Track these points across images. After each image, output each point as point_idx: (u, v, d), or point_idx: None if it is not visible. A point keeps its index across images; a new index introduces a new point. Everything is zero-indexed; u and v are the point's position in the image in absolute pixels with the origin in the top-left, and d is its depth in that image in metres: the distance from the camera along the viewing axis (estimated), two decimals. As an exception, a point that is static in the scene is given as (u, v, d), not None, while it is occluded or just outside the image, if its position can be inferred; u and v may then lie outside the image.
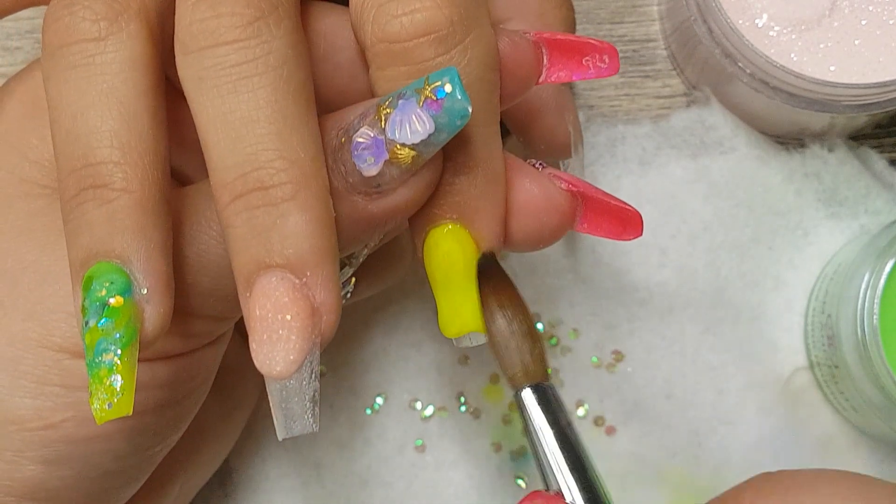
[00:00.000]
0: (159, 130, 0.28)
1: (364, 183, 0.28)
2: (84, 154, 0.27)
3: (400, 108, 0.28)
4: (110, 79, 0.27)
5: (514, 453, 0.45)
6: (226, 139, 0.27)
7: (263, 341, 0.27)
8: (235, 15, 0.27)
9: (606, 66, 0.31)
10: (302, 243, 0.27)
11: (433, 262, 0.30)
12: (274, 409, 0.28)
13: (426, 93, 0.27)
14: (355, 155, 0.28)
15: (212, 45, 0.27)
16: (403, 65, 0.28)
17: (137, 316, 0.27)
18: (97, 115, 0.27)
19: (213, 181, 0.27)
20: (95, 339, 0.27)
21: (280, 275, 0.27)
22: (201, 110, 0.27)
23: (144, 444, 0.32)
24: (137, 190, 0.27)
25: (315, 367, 0.27)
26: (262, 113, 0.27)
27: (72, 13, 0.28)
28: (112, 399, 0.26)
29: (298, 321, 0.27)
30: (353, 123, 0.28)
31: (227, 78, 0.27)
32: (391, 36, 0.28)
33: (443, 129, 0.28)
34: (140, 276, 0.27)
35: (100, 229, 0.27)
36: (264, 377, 0.27)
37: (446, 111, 0.27)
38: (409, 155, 0.28)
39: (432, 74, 0.28)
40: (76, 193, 0.27)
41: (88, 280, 0.27)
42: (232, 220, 0.27)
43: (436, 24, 0.28)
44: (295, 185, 0.27)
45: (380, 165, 0.28)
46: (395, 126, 0.28)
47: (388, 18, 0.28)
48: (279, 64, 0.27)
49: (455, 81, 0.27)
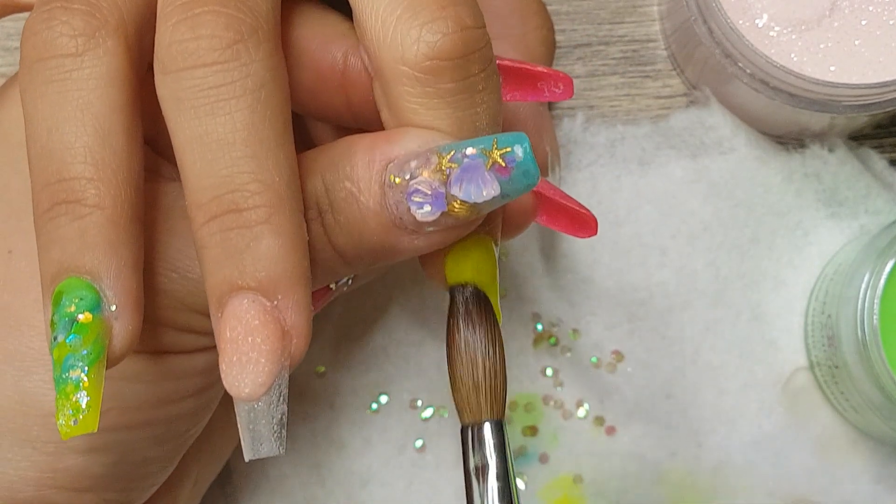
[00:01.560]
0: (134, 147, 0.28)
1: (415, 224, 0.28)
2: (58, 169, 0.27)
3: (465, 167, 0.28)
4: (86, 94, 0.27)
5: (514, 453, 0.45)
6: (202, 160, 0.27)
7: (233, 363, 0.27)
8: (215, 37, 0.27)
9: (561, 91, 0.32)
10: (274, 266, 0.27)
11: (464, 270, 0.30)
12: (241, 430, 0.28)
13: (494, 156, 0.27)
14: (411, 200, 0.28)
15: (190, 66, 0.27)
16: (452, 81, 0.28)
17: (106, 333, 0.27)
18: (72, 130, 0.27)
19: (189, 201, 0.27)
20: (63, 354, 0.27)
21: (252, 297, 0.27)
22: (178, 130, 0.27)
23: (182, 428, 0.33)
24: (110, 206, 0.27)
25: (283, 389, 0.27)
26: (239, 136, 0.27)
27: (50, 27, 0.28)
28: (77, 416, 0.26)
29: (268, 344, 0.27)
30: (409, 166, 0.28)
31: (205, 100, 0.27)
32: (443, 53, 0.28)
33: (507, 194, 0.28)
34: (110, 292, 0.27)
35: (71, 245, 0.27)
36: (233, 398, 0.27)
37: (514, 179, 0.28)
38: (467, 210, 0.28)
39: (501, 137, 0.28)
40: (49, 208, 0.27)
41: (58, 295, 0.27)
42: (206, 240, 0.27)
43: (479, 40, 0.28)
44: (269, 208, 0.27)
45: (436, 215, 0.28)
46: (460, 185, 0.28)
47: (441, 36, 0.28)
48: (257, 87, 0.27)
49: (527, 150, 0.27)
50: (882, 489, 0.45)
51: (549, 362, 0.46)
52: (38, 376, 0.30)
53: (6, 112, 0.33)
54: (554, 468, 0.45)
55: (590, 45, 0.47)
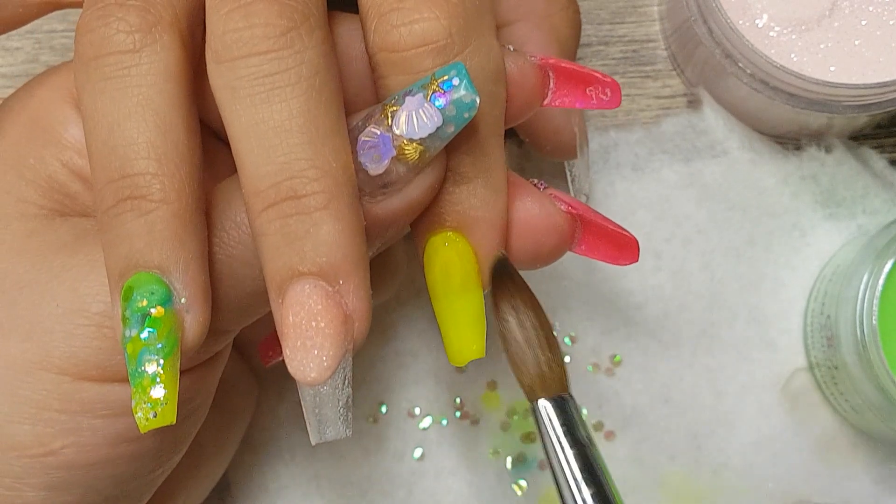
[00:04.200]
0: (194, 140, 0.28)
1: (370, 183, 0.28)
2: (121, 165, 0.27)
3: (406, 104, 0.28)
4: (145, 90, 0.28)
5: (514, 460, 0.45)
6: (259, 148, 0.27)
7: (297, 348, 0.27)
8: (269, 25, 0.27)
9: (608, 98, 0.32)
10: (335, 252, 0.27)
11: (432, 271, 0.30)
12: (307, 415, 0.28)
13: (433, 87, 0.27)
14: (361, 154, 0.28)
15: (245, 55, 0.27)
16: (403, 74, 0.28)
17: (178, 325, 0.27)
18: (133, 126, 0.27)
19: (246, 189, 0.27)
20: (138, 349, 0.27)
21: (313, 282, 0.27)
22: (234, 119, 0.27)
23: (146, 468, 0.32)
24: (175, 201, 0.27)
25: (348, 373, 0.27)
26: (295, 122, 0.27)
27: (106, 24, 0.28)
28: (157, 408, 0.26)
29: (331, 328, 0.27)
30: (357, 125, 0.28)
31: (261, 88, 0.27)
32: (391, 45, 0.28)
33: (450, 122, 0.28)
34: (179, 286, 0.27)
35: (139, 240, 0.27)
36: (297, 383, 0.27)
37: (454, 103, 0.27)
38: (416, 150, 0.28)
39: (439, 70, 0.28)
40: (114, 204, 0.27)
41: (129, 290, 0.27)
42: (265, 227, 0.27)
43: (434, 34, 0.28)
44: (327, 194, 0.27)
45: (386, 163, 0.28)
46: (402, 121, 0.28)
47: (389, 28, 0.28)
48: (311, 74, 0.27)
49: (462, 74, 0.27)
50: (882, 489, 0.44)
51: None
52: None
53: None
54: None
55: (590, 45, 0.46)
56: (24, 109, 0.32)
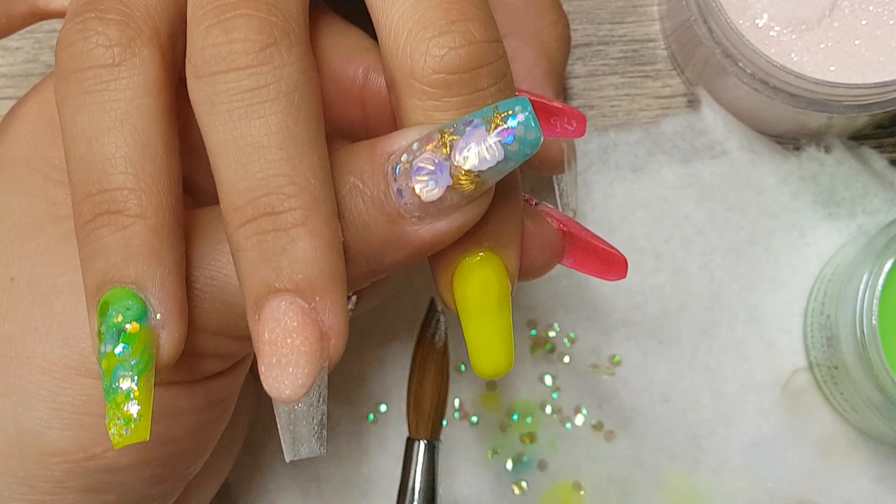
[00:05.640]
0: (172, 155, 0.28)
1: (421, 208, 0.28)
2: (99, 180, 0.27)
3: (468, 134, 0.27)
4: (124, 105, 0.27)
5: (512, 460, 0.45)
6: (236, 164, 0.27)
7: (272, 365, 0.26)
8: (248, 41, 0.27)
9: (573, 129, 0.33)
10: (311, 268, 0.26)
11: (468, 291, 0.29)
12: (282, 432, 0.27)
13: (496, 121, 0.27)
14: (416, 179, 0.27)
15: (224, 70, 0.27)
16: (458, 95, 0.28)
17: (153, 341, 0.27)
18: (111, 141, 0.27)
19: (224, 205, 0.27)
20: (112, 365, 0.26)
21: (289, 299, 0.26)
22: (212, 134, 0.27)
23: (181, 467, 0.32)
24: (152, 216, 0.27)
25: (323, 390, 0.27)
26: (273, 139, 0.26)
27: (85, 38, 0.28)
28: (129, 425, 0.26)
29: (307, 346, 0.26)
30: (410, 148, 0.28)
31: (239, 103, 0.27)
32: (450, 67, 0.27)
33: (511, 158, 0.27)
34: (155, 301, 0.27)
35: (115, 255, 0.27)
36: (272, 400, 0.27)
37: (518, 140, 0.27)
38: (472, 182, 0.27)
39: (502, 103, 0.27)
40: (91, 219, 0.27)
41: (104, 305, 0.27)
42: (242, 243, 0.27)
43: (490, 55, 0.28)
44: (305, 210, 0.26)
45: (442, 191, 0.27)
46: (463, 152, 0.27)
47: (447, 50, 0.27)
48: (290, 90, 0.27)
49: (528, 110, 0.27)
50: (882, 489, 0.44)
51: (546, 369, 0.45)
52: (37, 413, 0.29)
53: (11, 133, 0.32)
54: (553, 475, 0.45)
55: (590, 45, 0.46)
56: (39, 111, 0.32)
